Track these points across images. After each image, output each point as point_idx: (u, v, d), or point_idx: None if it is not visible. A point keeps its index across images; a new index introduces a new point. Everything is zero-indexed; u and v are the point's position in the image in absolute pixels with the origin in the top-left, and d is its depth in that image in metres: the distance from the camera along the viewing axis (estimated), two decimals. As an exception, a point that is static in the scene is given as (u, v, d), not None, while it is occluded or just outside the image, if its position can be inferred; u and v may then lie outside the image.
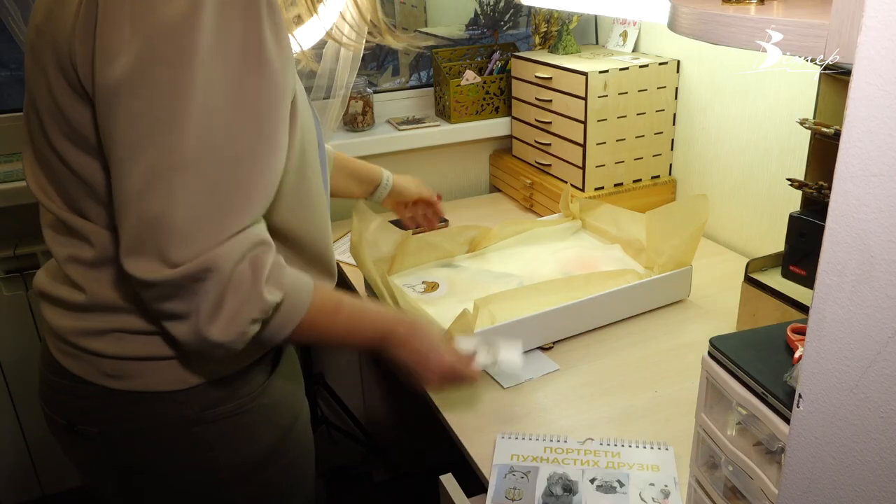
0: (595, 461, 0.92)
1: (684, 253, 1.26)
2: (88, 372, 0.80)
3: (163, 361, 0.79)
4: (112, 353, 0.79)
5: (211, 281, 0.68)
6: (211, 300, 0.69)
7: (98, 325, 0.79)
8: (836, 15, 0.46)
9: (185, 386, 0.80)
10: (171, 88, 0.65)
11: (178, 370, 0.80)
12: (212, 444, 0.83)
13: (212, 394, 0.82)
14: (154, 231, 0.67)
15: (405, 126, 1.84)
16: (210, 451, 0.83)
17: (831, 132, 1.01)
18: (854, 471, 0.46)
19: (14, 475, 1.82)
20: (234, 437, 0.84)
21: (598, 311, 1.22)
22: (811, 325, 0.45)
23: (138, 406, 0.80)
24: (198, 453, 0.83)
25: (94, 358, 0.79)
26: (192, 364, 0.80)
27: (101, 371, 0.80)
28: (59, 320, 0.81)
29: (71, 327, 0.80)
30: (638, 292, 1.24)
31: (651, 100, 1.59)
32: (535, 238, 1.49)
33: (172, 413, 0.81)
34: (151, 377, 0.80)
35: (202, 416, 0.81)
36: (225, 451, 0.84)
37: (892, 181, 0.39)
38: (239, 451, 0.85)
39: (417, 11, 2.20)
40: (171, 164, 0.66)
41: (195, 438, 0.82)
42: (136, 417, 0.81)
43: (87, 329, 0.79)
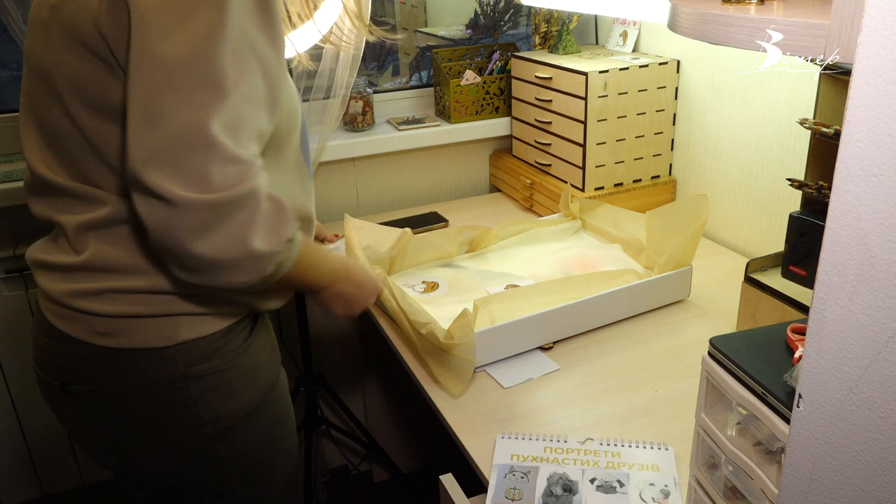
0: (595, 461, 0.92)
1: (684, 253, 1.26)
2: (81, 331, 0.85)
3: (151, 319, 0.85)
4: (104, 312, 0.84)
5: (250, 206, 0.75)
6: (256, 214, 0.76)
7: (91, 286, 0.84)
8: (836, 15, 0.46)
9: (171, 343, 0.85)
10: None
11: (166, 328, 0.85)
12: (196, 399, 0.88)
13: (196, 351, 0.87)
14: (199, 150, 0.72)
15: (405, 126, 1.84)
16: (194, 406, 0.88)
17: (831, 132, 1.01)
18: (854, 471, 0.46)
19: (14, 475, 1.82)
20: (218, 392, 0.89)
21: (599, 311, 1.22)
22: (811, 325, 0.45)
23: (128, 363, 0.85)
24: (183, 408, 0.88)
25: (86, 317, 0.84)
26: (179, 323, 0.85)
27: (94, 330, 0.85)
28: (54, 285, 0.86)
29: (65, 290, 0.85)
30: (638, 292, 1.24)
31: (651, 100, 1.59)
32: (535, 238, 1.49)
33: (160, 369, 0.86)
34: (140, 335, 0.85)
35: (187, 371, 0.87)
36: (209, 405, 0.89)
37: (892, 181, 0.39)
38: (221, 407, 0.90)
39: (417, 11, 2.20)
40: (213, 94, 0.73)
41: (181, 393, 0.87)
42: (127, 374, 0.86)
43: (80, 290, 0.84)
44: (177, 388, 0.87)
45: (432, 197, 1.95)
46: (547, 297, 1.18)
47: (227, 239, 0.75)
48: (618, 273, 1.26)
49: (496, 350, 1.13)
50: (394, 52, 2.17)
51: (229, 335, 0.90)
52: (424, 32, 2.20)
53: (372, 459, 2.11)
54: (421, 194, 1.93)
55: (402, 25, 2.18)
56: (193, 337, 0.87)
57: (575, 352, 1.18)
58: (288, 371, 1.85)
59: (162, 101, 0.71)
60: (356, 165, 1.84)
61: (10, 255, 1.62)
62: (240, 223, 0.75)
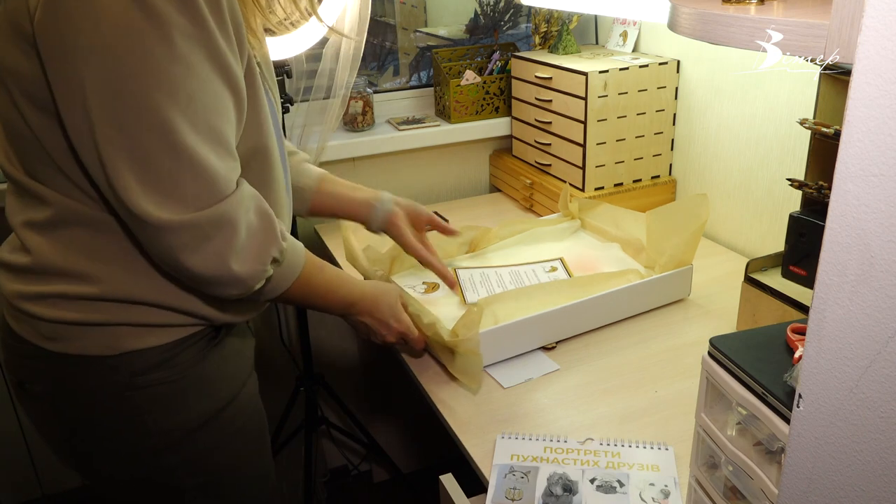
0: (595, 461, 0.92)
1: (685, 252, 1.26)
2: (30, 334, 0.86)
3: (95, 327, 0.84)
4: (47, 317, 0.84)
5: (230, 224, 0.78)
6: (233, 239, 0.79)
7: (37, 290, 0.84)
8: (836, 15, 0.46)
9: (115, 352, 0.85)
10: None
11: (107, 338, 0.85)
12: (144, 409, 0.87)
13: (141, 362, 0.86)
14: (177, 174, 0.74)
15: (405, 126, 1.84)
16: (140, 416, 0.87)
17: (831, 132, 1.01)
18: (854, 471, 0.46)
19: (14, 475, 1.82)
20: (166, 403, 0.88)
21: (601, 311, 1.22)
22: (811, 325, 0.45)
23: (73, 369, 0.85)
24: (129, 417, 0.87)
25: (33, 321, 0.85)
26: (120, 333, 0.85)
27: (40, 333, 0.85)
28: (8, 285, 0.87)
29: (16, 291, 0.86)
30: (639, 292, 1.24)
31: (651, 100, 1.59)
32: (534, 238, 1.49)
33: (104, 377, 0.85)
34: (84, 342, 0.84)
35: (132, 381, 0.86)
36: (155, 416, 0.88)
37: (892, 181, 0.39)
38: (169, 418, 0.89)
39: (417, 11, 2.20)
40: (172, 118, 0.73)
41: (127, 403, 0.86)
42: (72, 379, 0.86)
43: (27, 293, 0.84)
44: (122, 398, 0.86)
45: (432, 197, 1.95)
46: (549, 297, 1.18)
47: (210, 256, 0.78)
48: (620, 273, 1.26)
49: (499, 350, 1.13)
50: (394, 52, 2.17)
51: (179, 347, 0.88)
52: (424, 32, 2.20)
53: (372, 459, 2.11)
54: (421, 194, 1.94)
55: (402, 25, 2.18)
56: (138, 347, 0.85)
57: (575, 352, 1.18)
58: (288, 371, 1.86)
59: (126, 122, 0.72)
60: (356, 165, 1.84)
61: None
62: (219, 244, 0.78)
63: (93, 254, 0.82)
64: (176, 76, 0.72)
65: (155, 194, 0.74)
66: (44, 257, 0.83)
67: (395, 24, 2.18)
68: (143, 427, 0.87)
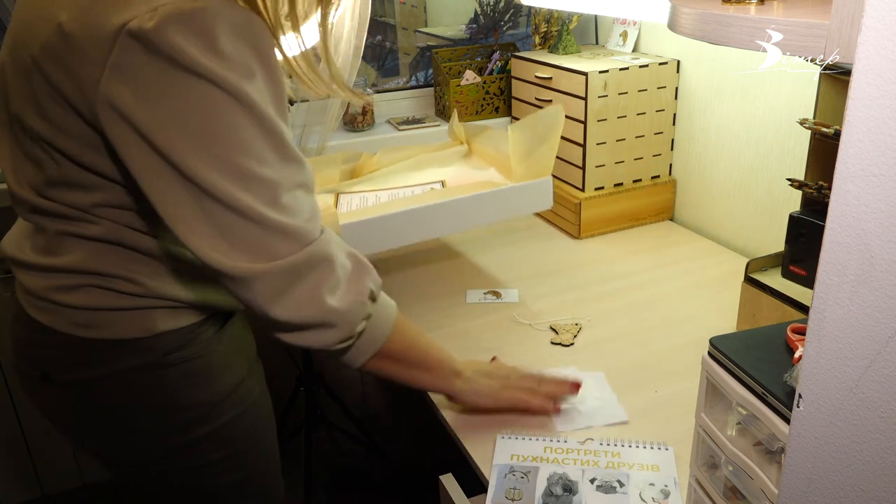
0: (595, 461, 0.92)
1: (542, 163, 1.29)
2: (60, 323, 0.87)
3: (129, 312, 0.86)
4: (82, 305, 0.85)
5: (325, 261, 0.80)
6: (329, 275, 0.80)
7: (70, 282, 0.85)
8: (836, 15, 0.46)
9: (147, 334, 0.87)
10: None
11: (143, 320, 0.87)
12: (174, 386, 0.90)
13: (172, 341, 0.89)
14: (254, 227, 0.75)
15: (405, 126, 1.84)
16: (172, 394, 0.90)
17: (831, 132, 1.01)
18: (854, 471, 0.46)
19: (14, 475, 1.82)
20: (194, 378, 0.91)
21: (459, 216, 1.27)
22: (811, 325, 0.45)
23: (106, 353, 0.87)
24: (160, 395, 0.90)
25: (65, 310, 0.86)
26: (155, 315, 0.88)
27: (73, 321, 0.86)
28: (34, 281, 0.88)
29: (46, 285, 0.87)
30: (497, 199, 1.29)
31: (651, 100, 1.59)
32: (419, 164, 1.49)
33: (138, 359, 0.88)
34: (118, 326, 0.87)
35: (164, 360, 0.89)
36: (185, 392, 0.91)
37: (892, 181, 0.39)
38: (198, 393, 0.92)
39: (417, 11, 2.20)
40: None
41: (159, 381, 0.89)
42: (104, 364, 0.88)
43: (59, 286, 0.86)
44: (154, 376, 0.89)
45: (432, 197, 1.95)
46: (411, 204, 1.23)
47: (300, 301, 0.79)
48: (478, 184, 1.30)
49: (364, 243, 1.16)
50: (393, 52, 2.17)
51: (204, 325, 0.92)
52: (424, 32, 2.20)
53: (372, 459, 2.11)
54: (421, 194, 1.93)
55: (402, 25, 2.18)
56: (169, 328, 0.89)
57: (577, 351, 1.18)
58: (288, 371, 1.86)
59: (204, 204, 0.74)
60: (356, 165, 1.83)
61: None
62: (312, 284, 0.79)
63: (133, 262, 0.85)
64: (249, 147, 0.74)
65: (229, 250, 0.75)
66: (82, 262, 0.85)
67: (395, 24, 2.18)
68: (175, 403, 0.90)
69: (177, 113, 0.71)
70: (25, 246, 0.90)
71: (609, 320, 1.27)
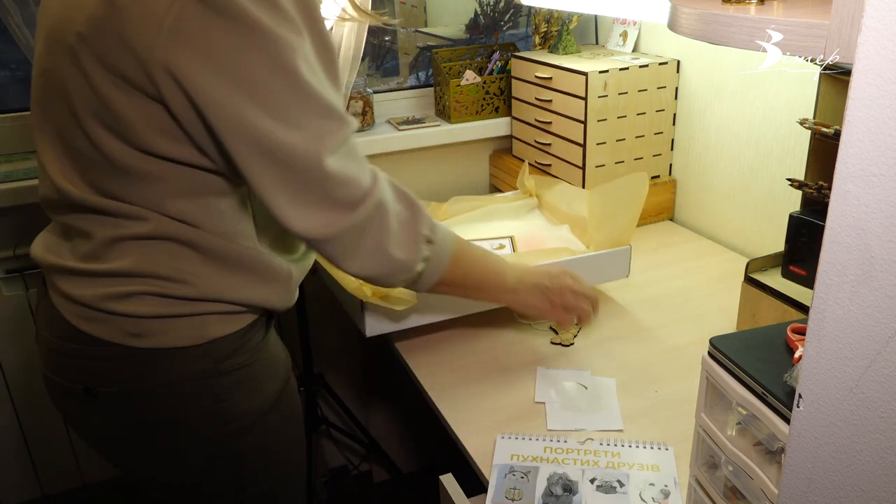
0: (595, 461, 0.92)
1: (623, 232, 1.26)
2: (111, 333, 0.85)
3: (181, 319, 0.85)
4: (135, 313, 0.84)
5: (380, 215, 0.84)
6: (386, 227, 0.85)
7: (124, 290, 0.84)
8: (836, 15, 0.46)
9: (201, 341, 0.86)
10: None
11: (196, 327, 0.86)
12: (225, 395, 0.89)
13: (223, 348, 0.88)
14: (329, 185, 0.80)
15: (405, 126, 1.84)
16: (224, 401, 0.89)
17: (831, 132, 1.01)
18: (854, 471, 0.46)
19: (14, 475, 1.82)
20: (245, 387, 0.91)
21: None
22: (811, 325, 0.45)
23: (159, 362, 0.86)
24: (212, 404, 0.88)
25: (116, 318, 0.84)
26: (207, 322, 0.87)
27: (125, 331, 0.85)
28: (79, 289, 0.86)
29: (93, 294, 0.84)
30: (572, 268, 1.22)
31: (651, 100, 1.59)
32: (487, 216, 1.47)
33: (190, 367, 0.87)
34: (171, 334, 0.85)
35: (217, 367, 0.88)
36: (237, 400, 0.90)
37: (892, 181, 0.39)
38: (248, 401, 0.91)
39: (417, 11, 2.20)
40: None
41: (211, 389, 0.88)
42: (157, 373, 0.86)
43: (110, 294, 0.84)
44: (206, 384, 0.88)
45: (432, 197, 1.94)
46: None
47: (370, 251, 0.86)
48: (553, 251, 1.25)
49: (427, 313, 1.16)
50: (393, 52, 2.17)
51: (251, 331, 0.92)
52: (424, 32, 2.20)
53: (372, 459, 2.11)
54: (421, 194, 1.91)
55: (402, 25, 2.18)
56: (221, 335, 0.88)
57: (580, 351, 1.17)
58: (288, 371, 1.86)
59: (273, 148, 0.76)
60: (356, 165, 1.83)
61: (10, 255, 1.62)
62: (376, 236, 0.85)
63: (185, 261, 0.84)
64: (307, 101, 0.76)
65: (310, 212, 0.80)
66: (136, 265, 0.83)
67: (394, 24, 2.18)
68: (224, 412, 0.90)
69: (240, 71, 0.72)
70: (64, 251, 0.88)
71: (609, 320, 1.27)
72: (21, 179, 1.54)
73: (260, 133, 0.74)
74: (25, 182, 1.53)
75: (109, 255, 0.84)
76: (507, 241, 1.38)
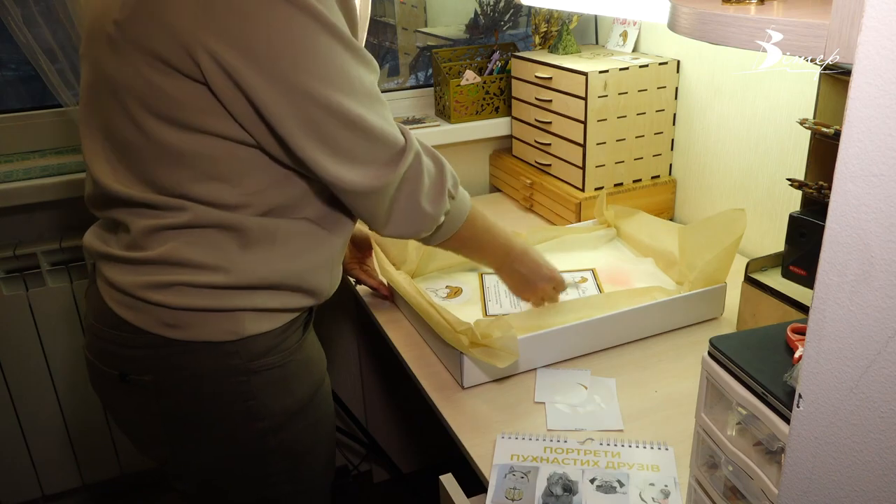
0: (595, 461, 0.92)
1: (717, 269, 1.21)
2: (148, 322, 0.86)
3: (218, 313, 0.86)
4: (173, 304, 0.85)
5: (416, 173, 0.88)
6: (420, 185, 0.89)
7: (162, 279, 0.85)
8: (836, 15, 0.46)
9: (235, 338, 0.87)
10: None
11: (231, 323, 0.87)
12: (255, 394, 0.90)
13: (258, 346, 0.89)
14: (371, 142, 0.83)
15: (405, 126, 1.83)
16: (253, 400, 0.90)
17: (831, 132, 1.01)
18: (854, 471, 0.46)
19: (14, 475, 1.82)
20: (275, 387, 0.91)
21: (624, 328, 1.17)
22: (811, 325, 0.45)
23: (192, 355, 0.87)
24: (241, 402, 0.89)
25: (155, 308, 0.86)
26: (244, 318, 0.87)
27: (161, 321, 0.86)
28: (124, 277, 0.87)
29: (135, 281, 0.86)
30: (666, 309, 1.19)
31: (651, 100, 1.59)
32: (567, 245, 1.45)
33: (222, 363, 0.87)
34: (206, 328, 0.86)
35: (248, 366, 0.88)
36: (266, 400, 0.91)
37: (892, 181, 0.39)
38: (277, 402, 0.92)
39: (417, 11, 2.20)
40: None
41: (241, 387, 0.89)
42: (189, 366, 0.87)
43: (150, 283, 0.85)
44: (237, 382, 0.88)
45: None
46: (575, 314, 1.15)
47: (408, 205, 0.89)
48: (646, 290, 1.21)
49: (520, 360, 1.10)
50: (393, 52, 2.17)
51: (288, 331, 0.92)
52: (424, 32, 2.20)
53: (372, 459, 2.11)
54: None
55: (401, 25, 2.18)
56: (256, 332, 0.88)
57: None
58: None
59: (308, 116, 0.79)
60: (356, 165, 1.83)
61: (10, 255, 1.62)
62: (413, 191, 0.89)
63: (222, 247, 0.85)
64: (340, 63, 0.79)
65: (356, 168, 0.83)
66: (175, 252, 0.85)
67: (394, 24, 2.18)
68: (253, 411, 0.90)
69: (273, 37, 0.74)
70: (111, 240, 0.90)
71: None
72: (21, 180, 1.54)
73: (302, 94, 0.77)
74: (26, 182, 1.54)
75: (148, 244, 0.85)
76: (589, 273, 1.36)
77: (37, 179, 1.54)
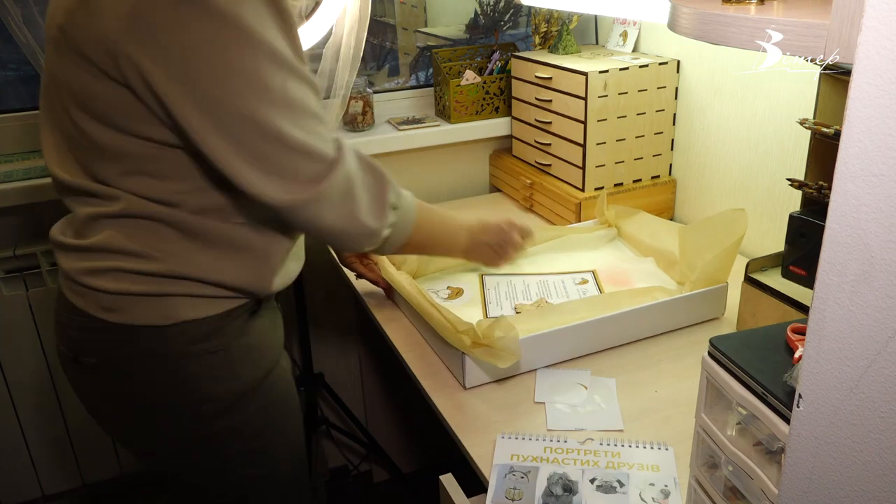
0: (595, 461, 0.92)
1: (718, 269, 1.20)
2: (90, 306, 0.90)
3: (152, 298, 0.89)
4: (108, 289, 0.89)
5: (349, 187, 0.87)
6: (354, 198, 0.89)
7: (99, 265, 0.89)
8: (836, 15, 0.46)
9: (170, 322, 0.90)
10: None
11: (166, 307, 0.90)
12: (195, 377, 0.92)
13: (195, 331, 0.91)
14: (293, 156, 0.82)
15: (405, 126, 1.84)
16: (192, 383, 0.93)
17: (831, 132, 1.01)
18: (854, 471, 0.46)
19: (14, 475, 1.82)
20: (218, 370, 0.94)
21: (624, 329, 1.17)
22: (811, 325, 0.45)
23: (130, 338, 0.90)
24: (182, 385, 0.92)
25: (93, 293, 0.90)
26: (178, 303, 0.90)
27: (100, 305, 0.90)
28: (69, 263, 0.92)
29: (78, 268, 0.90)
30: (667, 309, 1.19)
31: (651, 100, 1.59)
32: (568, 245, 1.45)
33: (160, 346, 0.90)
34: (142, 312, 0.89)
35: (186, 350, 0.91)
36: (207, 383, 0.93)
37: (892, 181, 0.39)
38: (220, 385, 0.94)
39: (417, 11, 2.20)
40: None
41: (180, 371, 0.92)
42: (128, 348, 0.91)
43: (89, 268, 0.89)
44: (175, 365, 0.91)
45: (432, 197, 1.95)
46: (575, 315, 1.14)
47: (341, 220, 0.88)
48: (646, 290, 1.21)
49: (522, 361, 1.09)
50: (393, 52, 2.17)
51: (227, 318, 0.94)
52: (424, 32, 2.20)
53: (372, 459, 2.11)
54: (421, 194, 1.90)
55: (401, 25, 2.18)
56: (192, 318, 0.91)
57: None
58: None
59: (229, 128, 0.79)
60: (356, 165, 1.83)
61: (10, 255, 1.62)
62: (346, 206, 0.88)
63: (156, 237, 0.88)
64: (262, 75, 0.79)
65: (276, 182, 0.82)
66: (111, 240, 0.88)
67: (394, 24, 2.18)
68: (195, 394, 0.93)
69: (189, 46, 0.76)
70: (68, 230, 0.95)
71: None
72: (21, 179, 1.54)
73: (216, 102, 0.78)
74: (26, 182, 1.54)
75: (89, 232, 0.90)
76: (590, 275, 1.35)
77: (37, 179, 1.54)
